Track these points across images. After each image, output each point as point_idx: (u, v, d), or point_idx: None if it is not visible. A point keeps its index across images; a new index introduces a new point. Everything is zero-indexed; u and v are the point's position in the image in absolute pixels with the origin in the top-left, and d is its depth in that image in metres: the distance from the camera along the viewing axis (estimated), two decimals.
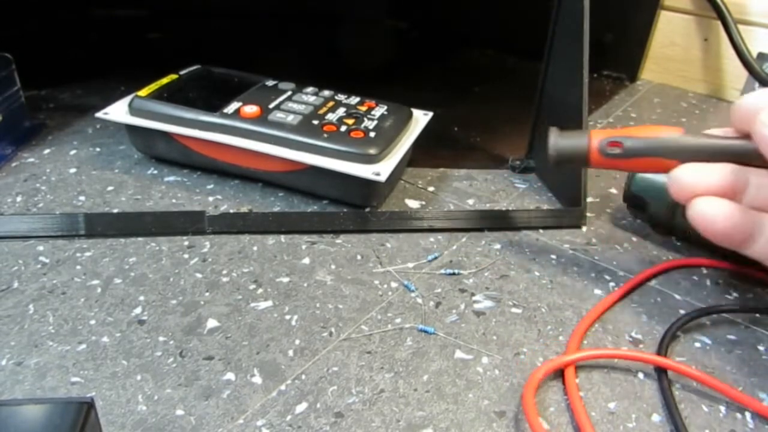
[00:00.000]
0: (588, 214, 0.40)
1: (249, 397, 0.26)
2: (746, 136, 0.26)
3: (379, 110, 0.41)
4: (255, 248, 0.35)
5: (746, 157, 0.26)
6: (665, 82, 0.66)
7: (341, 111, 0.40)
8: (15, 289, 0.31)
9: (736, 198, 0.26)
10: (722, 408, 0.27)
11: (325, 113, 0.40)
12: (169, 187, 0.41)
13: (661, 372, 0.28)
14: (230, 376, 0.27)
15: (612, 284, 0.34)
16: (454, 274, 0.34)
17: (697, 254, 0.37)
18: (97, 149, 0.45)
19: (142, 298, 0.31)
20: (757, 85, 0.59)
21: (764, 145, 0.25)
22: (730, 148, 0.27)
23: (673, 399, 0.27)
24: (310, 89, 0.43)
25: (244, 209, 0.39)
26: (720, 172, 0.26)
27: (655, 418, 0.26)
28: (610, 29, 0.65)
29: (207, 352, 0.28)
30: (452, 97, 0.59)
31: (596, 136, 0.29)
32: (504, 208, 0.41)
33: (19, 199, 0.38)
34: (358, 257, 0.35)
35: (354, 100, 0.42)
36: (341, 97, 0.42)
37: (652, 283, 0.35)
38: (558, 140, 0.30)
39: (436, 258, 0.35)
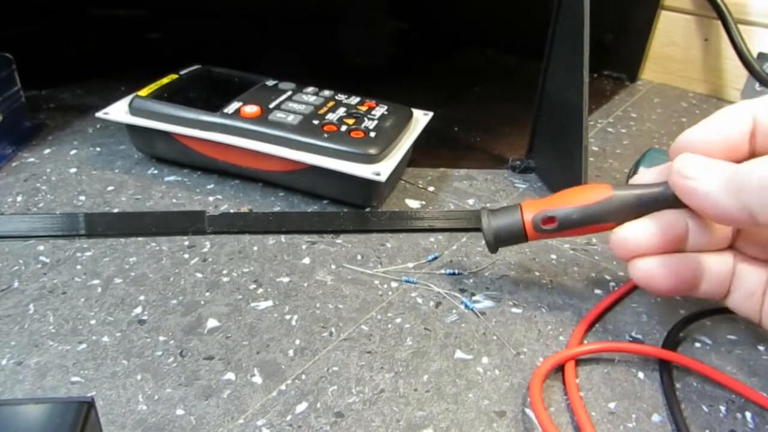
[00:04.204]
0: None
1: (249, 396, 0.26)
2: None
3: (380, 110, 0.41)
4: (255, 248, 0.35)
5: (680, 201, 0.26)
6: (665, 82, 0.66)
7: (341, 111, 0.40)
8: (15, 289, 0.31)
9: (680, 245, 0.26)
10: (722, 408, 0.27)
11: (326, 113, 0.40)
12: (170, 187, 0.41)
13: (663, 370, 0.28)
14: (230, 375, 0.27)
15: (612, 284, 0.34)
16: (454, 274, 0.34)
17: None
18: (98, 149, 0.45)
19: (142, 297, 0.31)
20: (757, 84, 0.59)
21: (680, 194, 0.25)
22: (662, 196, 0.26)
23: (675, 397, 0.27)
24: (310, 89, 0.43)
25: (244, 209, 0.39)
26: (657, 227, 0.26)
27: (656, 418, 0.26)
28: (610, 29, 0.65)
29: (207, 351, 0.28)
30: (452, 97, 0.59)
31: (528, 211, 0.29)
32: None
33: (19, 198, 0.38)
34: (358, 257, 0.35)
35: (354, 100, 0.42)
36: (341, 97, 0.42)
37: None
38: (491, 222, 0.29)
39: (436, 258, 0.35)
